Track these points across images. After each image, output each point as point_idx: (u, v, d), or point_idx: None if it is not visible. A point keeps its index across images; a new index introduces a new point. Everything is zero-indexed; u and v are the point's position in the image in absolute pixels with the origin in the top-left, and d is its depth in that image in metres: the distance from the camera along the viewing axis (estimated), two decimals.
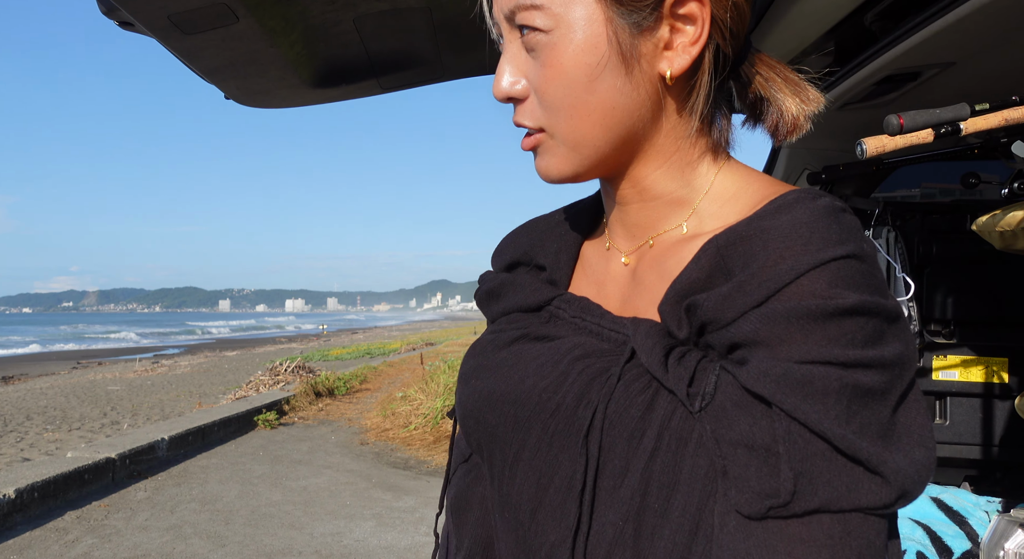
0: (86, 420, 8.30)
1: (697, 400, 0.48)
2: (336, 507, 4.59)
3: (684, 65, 0.54)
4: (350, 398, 9.28)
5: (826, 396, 0.44)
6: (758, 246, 0.48)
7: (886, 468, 0.44)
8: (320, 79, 1.47)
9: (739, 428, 0.46)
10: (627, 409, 0.50)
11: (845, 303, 0.45)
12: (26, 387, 13.28)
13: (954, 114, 1.03)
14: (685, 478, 0.48)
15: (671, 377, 0.49)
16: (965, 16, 1.10)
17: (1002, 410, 1.91)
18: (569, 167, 0.57)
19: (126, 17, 1.13)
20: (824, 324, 0.45)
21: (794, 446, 0.44)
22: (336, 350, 20.37)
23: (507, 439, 0.57)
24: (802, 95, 0.58)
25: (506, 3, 0.55)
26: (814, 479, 0.44)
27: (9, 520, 4.01)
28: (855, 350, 0.44)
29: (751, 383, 0.45)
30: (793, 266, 0.46)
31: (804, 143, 1.91)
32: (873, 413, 0.45)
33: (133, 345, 38.64)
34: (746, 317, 0.46)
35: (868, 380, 0.44)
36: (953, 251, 1.95)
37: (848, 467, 0.44)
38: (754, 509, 0.45)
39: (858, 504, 0.44)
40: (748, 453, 0.45)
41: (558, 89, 0.54)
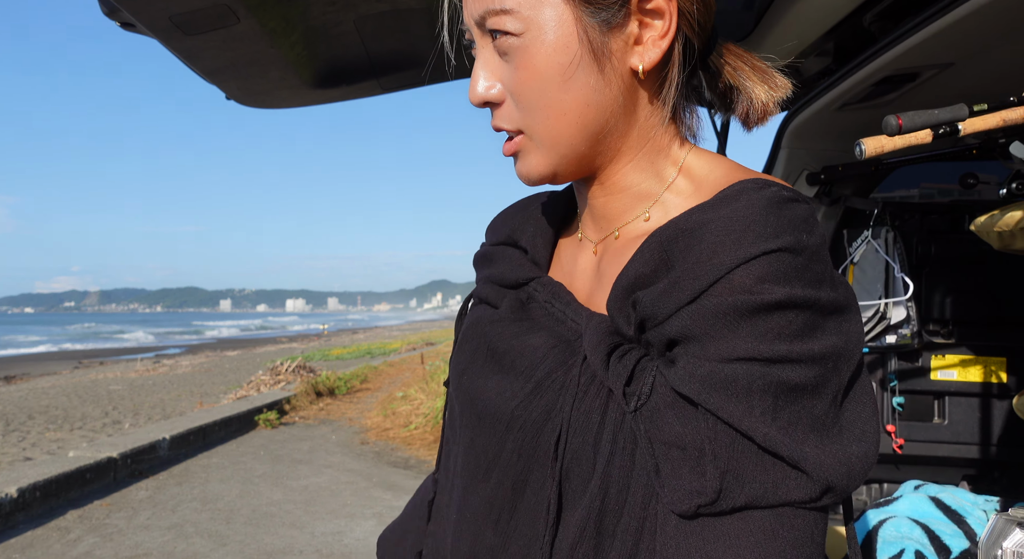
0: (88, 419, 8.31)
1: (633, 400, 0.48)
2: (337, 506, 4.59)
3: (655, 59, 0.55)
4: (351, 398, 9.29)
5: (750, 394, 0.44)
6: (695, 240, 0.48)
7: (807, 464, 0.44)
8: (320, 79, 1.48)
9: (670, 429, 0.46)
10: (588, 415, 0.52)
11: (771, 298, 0.44)
12: (28, 387, 13.29)
13: (952, 115, 1.03)
14: (636, 478, 0.49)
15: (611, 376, 0.50)
16: (964, 17, 1.11)
17: (1000, 409, 1.91)
18: (548, 167, 0.58)
19: (128, 18, 1.14)
20: (750, 320, 0.45)
21: (719, 445, 0.45)
22: (337, 350, 20.37)
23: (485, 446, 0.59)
24: (770, 82, 0.59)
25: (476, 9, 0.56)
26: (740, 476, 0.44)
27: (11, 519, 4.02)
28: (781, 345, 0.44)
29: (678, 384, 0.46)
30: (724, 261, 0.46)
31: (803, 143, 1.91)
32: (803, 408, 0.45)
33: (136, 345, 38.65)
34: (679, 314, 0.46)
35: (795, 376, 0.44)
36: (952, 251, 1.95)
37: (772, 464, 0.44)
38: (684, 507, 0.46)
39: (785, 499, 0.45)
40: (679, 453, 0.46)
41: (533, 90, 0.55)
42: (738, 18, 1.65)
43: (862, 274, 1.87)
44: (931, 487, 1.70)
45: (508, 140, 0.59)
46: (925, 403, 1.96)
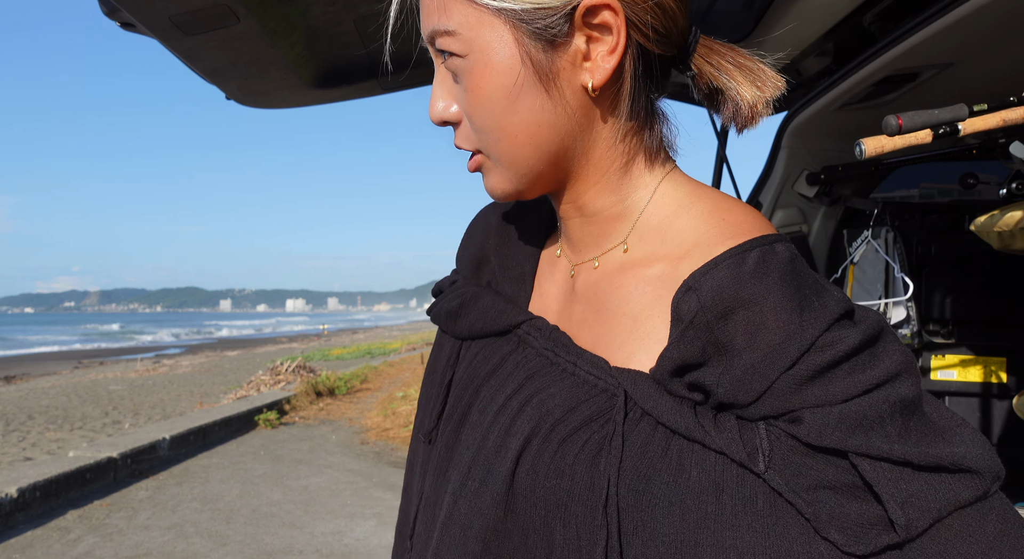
0: (88, 419, 8.31)
1: (760, 458, 0.46)
2: (337, 506, 4.59)
3: (605, 75, 0.52)
4: (351, 398, 9.29)
5: (882, 421, 0.45)
6: (753, 320, 0.48)
7: (968, 461, 0.45)
8: (321, 80, 1.48)
9: (814, 475, 0.46)
10: (650, 480, 0.48)
11: (850, 345, 0.46)
12: (28, 387, 13.29)
13: (952, 115, 1.03)
14: (754, 535, 0.46)
15: (716, 438, 0.48)
16: (964, 17, 1.11)
17: (1000, 410, 1.91)
18: (511, 186, 0.56)
19: (127, 18, 1.14)
20: (837, 368, 0.46)
21: (886, 481, 0.44)
22: (337, 350, 20.38)
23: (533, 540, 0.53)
24: (758, 81, 0.55)
25: (425, 29, 0.55)
26: (917, 501, 0.44)
27: (11, 519, 4.02)
28: (876, 370, 0.46)
29: (817, 439, 0.45)
30: (800, 343, 0.46)
31: (803, 143, 1.91)
32: (921, 418, 0.46)
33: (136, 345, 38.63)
34: (765, 397, 0.47)
35: (903, 391, 0.46)
36: (951, 251, 1.95)
37: (937, 478, 0.45)
38: (862, 544, 0.44)
39: (964, 502, 0.45)
40: (833, 494, 0.45)
41: (482, 112, 0.53)
42: (738, 18, 1.65)
43: (862, 274, 1.87)
44: None
45: (471, 157, 0.58)
46: None
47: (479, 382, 0.61)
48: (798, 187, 1.96)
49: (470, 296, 0.66)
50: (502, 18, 0.51)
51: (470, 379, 0.62)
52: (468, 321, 0.65)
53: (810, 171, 1.92)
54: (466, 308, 0.65)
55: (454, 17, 0.52)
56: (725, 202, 0.56)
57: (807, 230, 2.00)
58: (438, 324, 0.70)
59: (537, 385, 0.56)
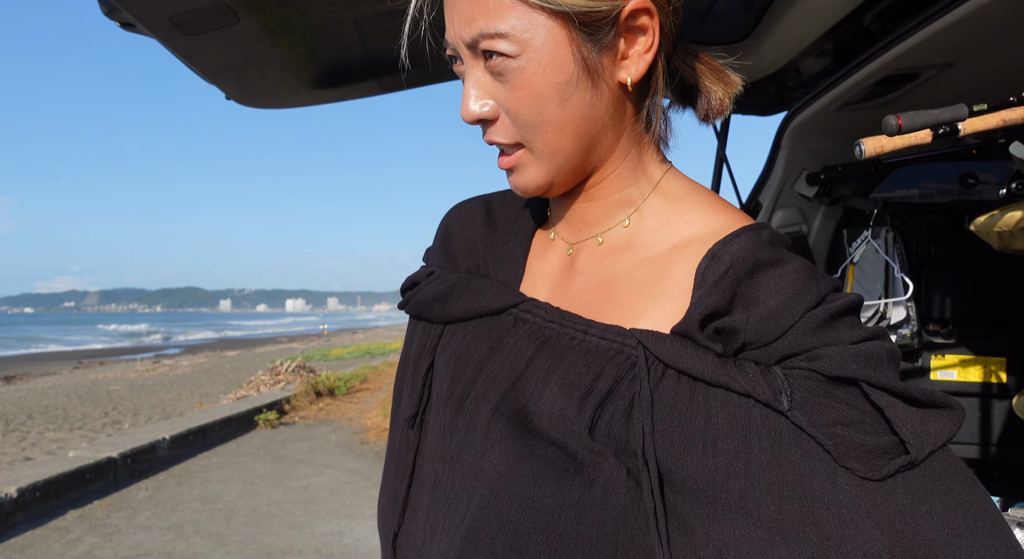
0: (87, 419, 8.31)
1: (783, 398, 0.51)
2: (337, 506, 4.59)
3: (641, 72, 0.58)
4: (351, 398, 9.29)
5: (882, 363, 0.52)
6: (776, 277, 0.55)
7: (943, 399, 0.51)
8: (320, 80, 1.48)
9: (831, 412, 0.50)
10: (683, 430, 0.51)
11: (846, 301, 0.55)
12: (28, 387, 13.29)
13: (952, 115, 1.03)
14: (781, 470, 0.49)
15: (741, 382, 0.51)
16: (964, 17, 1.11)
17: (1000, 410, 1.91)
18: (546, 178, 0.60)
19: (127, 18, 1.14)
20: (842, 318, 0.54)
21: (896, 409, 0.50)
22: (337, 350, 20.37)
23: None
24: (724, 80, 0.63)
25: (467, 32, 0.56)
26: (922, 429, 0.50)
27: (11, 519, 4.02)
28: (869, 328, 0.55)
29: (836, 370, 0.51)
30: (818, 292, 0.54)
31: (803, 143, 1.91)
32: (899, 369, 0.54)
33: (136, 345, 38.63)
34: (788, 334, 0.53)
35: (890, 345, 0.54)
36: (951, 251, 1.95)
37: (931, 412, 0.51)
38: (877, 469, 0.49)
39: (950, 435, 0.51)
40: (847, 429, 0.50)
41: (532, 108, 0.57)
42: (738, 18, 1.66)
43: (862, 274, 1.87)
44: None
45: (503, 155, 0.60)
46: None
47: (480, 359, 0.62)
48: (798, 187, 1.96)
49: (461, 280, 0.67)
50: (558, 20, 0.55)
51: (466, 359, 0.63)
52: (461, 303, 0.65)
53: (810, 171, 1.92)
54: (458, 290, 0.66)
55: (507, 19, 0.55)
56: (712, 193, 0.65)
57: (807, 230, 2.00)
58: (418, 312, 0.70)
59: (552, 354, 0.58)
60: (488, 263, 0.68)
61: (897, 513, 0.48)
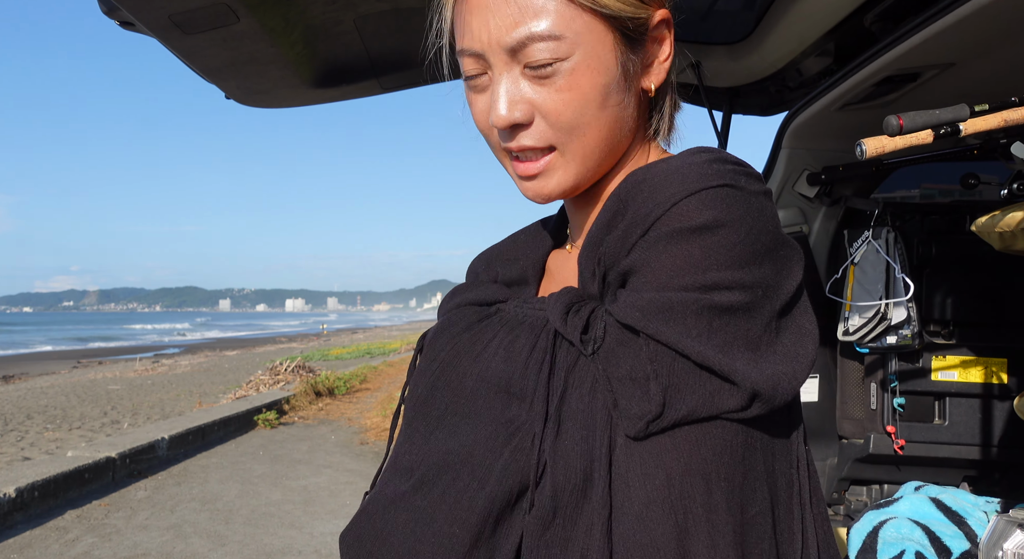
0: (86, 419, 8.30)
1: (590, 345, 0.53)
2: (336, 506, 4.59)
3: (661, 78, 0.62)
4: (350, 398, 9.29)
5: (686, 318, 0.49)
6: (646, 185, 0.53)
7: (736, 375, 0.49)
8: (320, 79, 1.47)
9: (624, 364, 0.51)
10: (565, 394, 0.55)
11: (705, 219, 0.49)
12: (27, 386, 13.28)
13: (953, 115, 1.03)
14: (581, 414, 0.53)
15: (568, 328, 0.54)
16: (965, 17, 1.10)
17: (1001, 411, 1.91)
18: (572, 181, 0.61)
19: (127, 17, 1.14)
20: (687, 243, 0.50)
21: (661, 365, 0.50)
22: (336, 350, 20.37)
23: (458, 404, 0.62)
24: None
25: (512, 35, 0.57)
26: (680, 390, 0.50)
27: (9, 519, 4.02)
28: (714, 273, 0.49)
29: (620, 315, 0.51)
30: (669, 196, 0.51)
31: (804, 143, 1.91)
32: (737, 330, 0.50)
33: (135, 345, 38.63)
34: (633, 249, 0.52)
35: (728, 300, 0.49)
36: (953, 252, 1.95)
37: (708, 378, 0.50)
38: (637, 429, 0.50)
39: (720, 409, 0.50)
40: (631, 384, 0.51)
41: (576, 109, 0.58)
42: (738, 18, 1.65)
43: (863, 274, 1.87)
44: (932, 488, 1.70)
45: (527, 161, 0.61)
46: (926, 404, 1.95)
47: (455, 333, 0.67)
48: (799, 187, 1.95)
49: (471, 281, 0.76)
50: (605, 23, 0.57)
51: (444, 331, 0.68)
52: (464, 295, 0.72)
53: (811, 171, 1.92)
54: (465, 288, 0.74)
55: (559, 21, 0.56)
56: None
57: (808, 230, 2.00)
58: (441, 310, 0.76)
59: (507, 333, 0.62)
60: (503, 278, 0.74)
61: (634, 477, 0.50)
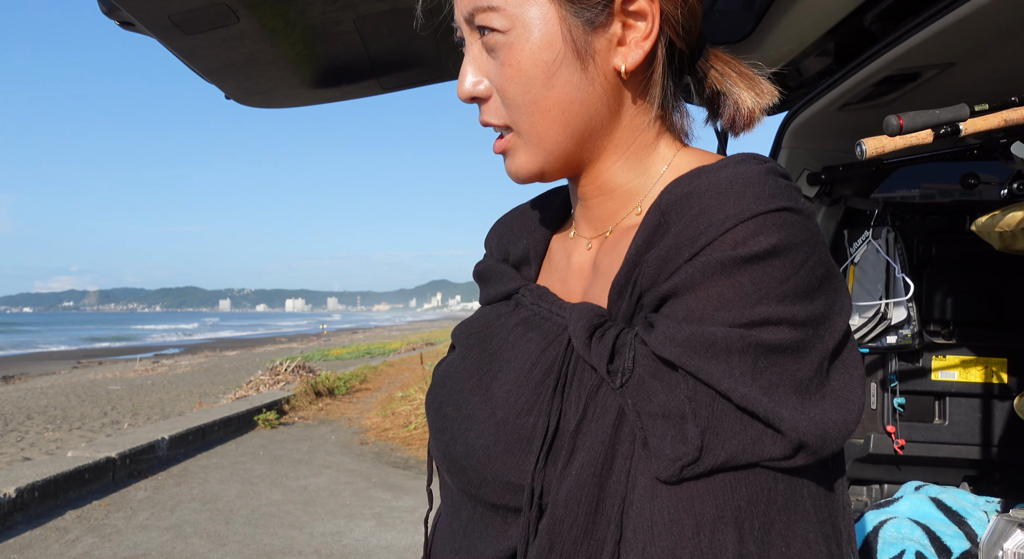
0: (86, 419, 8.30)
1: (618, 376, 0.49)
2: (336, 507, 4.59)
3: (637, 60, 0.56)
4: (350, 398, 9.29)
5: (730, 355, 0.45)
6: (695, 201, 0.49)
7: (782, 424, 0.45)
8: (320, 79, 1.47)
9: (657, 399, 0.47)
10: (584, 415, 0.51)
11: (761, 247, 0.45)
12: (27, 386, 13.28)
13: (953, 115, 1.03)
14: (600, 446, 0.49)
15: (593, 355, 0.51)
16: (965, 17, 1.10)
17: (1001, 410, 1.91)
18: (535, 164, 0.59)
19: (127, 17, 1.13)
20: (738, 273, 0.45)
21: (700, 404, 0.46)
22: (336, 350, 20.37)
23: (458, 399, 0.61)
24: (756, 89, 0.60)
25: (465, 6, 0.57)
26: (719, 434, 0.45)
27: (10, 519, 4.02)
28: (764, 307, 0.45)
29: (659, 348, 0.47)
30: (723, 219, 0.47)
31: (804, 143, 1.91)
32: (785, 370, 0.45)
33: (135, 345, 38.62)
34: (676, 272, 0.47)
35: (777, 338, 0.45)
36: (953, 252, 1.95)
37: (750, 422, 0.45)
38: (669, 473, 0.46)
39: (760, 457, 0.46)
40: (664, 422, 0.47)
41: (518, 87, 0.56)
42: (738, 18, 1.65)
43: (862, 274, 1.87)
44: (932, 488, 1.70)
45: (499, 138, 0.61)
46: (926, 404, 1.95)
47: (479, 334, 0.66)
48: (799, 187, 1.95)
49: (489, 266, 0.73)
50: None
51: (469, 333, 0.67)
52: (487, 287, 0.71)
53: (811, 171, 1.92)
54: (485, 274, 0.72)
55: None
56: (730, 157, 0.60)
57: None
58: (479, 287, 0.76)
59: (521, 332, 0.60)
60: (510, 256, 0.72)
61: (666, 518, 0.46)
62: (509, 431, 0.54)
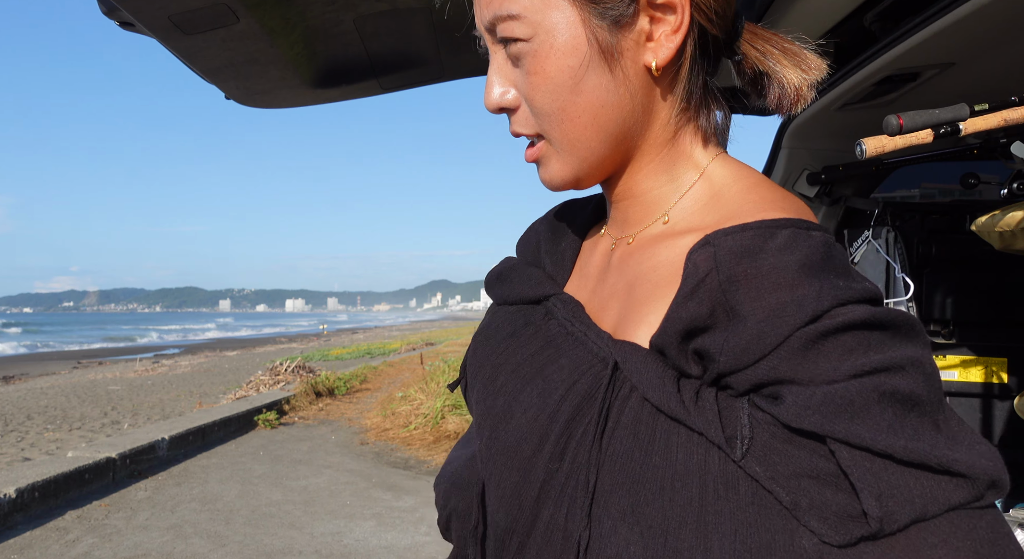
0: (87, 420, 8.30)
1: (737, 445, 0.44)
2: (336, 507, 4.59)
3: (669, 55, 0.53)
4: (350, 398, 9.28)
5: (869, 410, 0.42)
6: (766, 285, 0.46)
7: (958, 465, 0.42)
8: (320, 79, 1.47)
9: (796, 462, 0.43)
10: (643, 464, 0.47)
11: (852, 317, 0.43)
12: (27, 387, 13.28)
13: (953, 114, 1.03)
14: (735, 523, 0.44)
15: (696, 418, 0.46)
16: (965, 16, 1.10)
17: (1001, 410, 1.91)
18: (570, 172, 0.57)
19: (127, 17, 1.13)
20: (836, 338, 0.43)
21: (863, 471, 0.42)
22: (336, 350, 20.37)
23: (504, 476, 0.54)
24: (803, 65, 0.56)
25: (486, 16, 0.55)
26: (896, 496, 0.41)
27: (10, 519, 4.02)
28: (877, 354, 0.43)
29: (795, 420, 0.43)
30: (804, 313, 0.44)
31: (804, 143, 1.91)
32: (920, 416, 0.43)
33: (135, 345, 38.61)
34: (769, 357, 0.44)
35: (904, 383, 0.43)
36: (952, 251, 1.95)
37: (922, 475, 0.42)
38: (841, 534, 0.42)
39: (949, 505, 0.42)
40: (815, 482, 0.43)
41: (545, 95, 0.54)
42: None
43: (863, 274, 1.87)
44: None
45: (530, 146, 0.58)
46: None
47: (499, 340, 0.62)
48: (799, 187, 1.95)
49: (515, 265, 0.70)
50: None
51: (489, 337, 0.64)
52: (509, 286, 0.67)
53: (811, 171, 1.92)
54: (507, 274, 0.69)
55: (519, 1, 0.53)
56: (770, 182, 0.56)
57: None
58: (487, 288, 0.73)
59: (550, 354, 0.56)
60: (544, 261, 0.69)
61: None
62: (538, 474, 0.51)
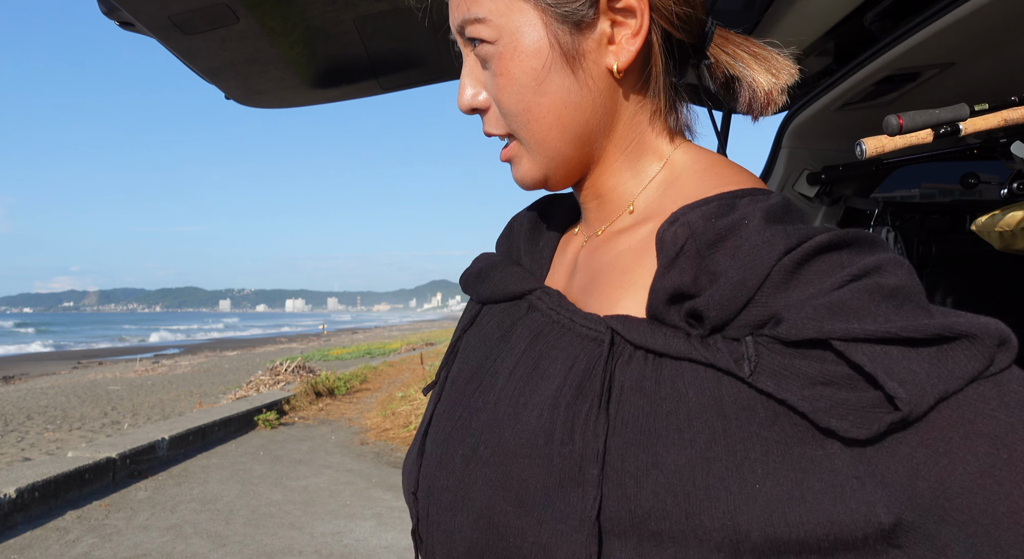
0: (87, 420, 8.30)
1: (745, 364, 0.45)
2: (336, 507, 4.59)
3: (629, 58, 0.55)
4: (350, 398, 9.29)
5: (863, 306, 0.42)
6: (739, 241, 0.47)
7: (960, 326, 0.41)
8: (320, 79, 1.47)
9: (806, 372, 0.43)
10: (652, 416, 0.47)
11: (816, 243, 0.45)
12: (27, 387, 13.29)
13: (953, 114, 1.03)
14: (764, 445, 0.44)
15: (702, 352, 0.47)
16: (965, 16, 1.10)
17: None
18: (539, 171, 0.59)
19: (126, 17, 1.14)
20: (810, 263, 0.45)
21: (875, 361, 0.41)
22: (336, 350, 20.37)
23: None
24: (773, 69, 0.57)
25: (455, 19, 0.57)
26: (913, 379, 0.41)
27: (10, 519, 4.02)
28: (858, 265, 0.44)
29: (794, 333, 0.43)
30: (779, 247, 0.46)
31: (803, 143, 1.91)
32: (913, 305, 0.43)
33: (135, 345, 38.62)
34: (753, 303, 0.46)
35: (886, 279, 0.43)
36: (952, 251, 1.95)
37: (932, 354, 0.41)
38: (873, 429, 0.41)
39: (971, 373, 0.41)
40: (828, 388, 0.43)
41: (511, 96, 0.56)
42: (738, 18, 1.65)
43: None
44: None
45: (504, 146, 0.61)
46: None
47: (491, 345, 0.63)
48: (798, 187, 1.95)
49: (492, 263, 0.70)
50: (531, 3, 0.54)
51: (481, 342, 0.64)
52: (491, 284, 0.68)
53: (810, 171, 1.92)
54: (486, 272, 0.69)
55: (484, 4, 0.55)
56: (726, 162, 0.58)
57: None
58: (465, 287, 0.73)
59: (542, 347, 0.56)
60: (523, 258, 0.70)
61: (907, 471, 0.41)
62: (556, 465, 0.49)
